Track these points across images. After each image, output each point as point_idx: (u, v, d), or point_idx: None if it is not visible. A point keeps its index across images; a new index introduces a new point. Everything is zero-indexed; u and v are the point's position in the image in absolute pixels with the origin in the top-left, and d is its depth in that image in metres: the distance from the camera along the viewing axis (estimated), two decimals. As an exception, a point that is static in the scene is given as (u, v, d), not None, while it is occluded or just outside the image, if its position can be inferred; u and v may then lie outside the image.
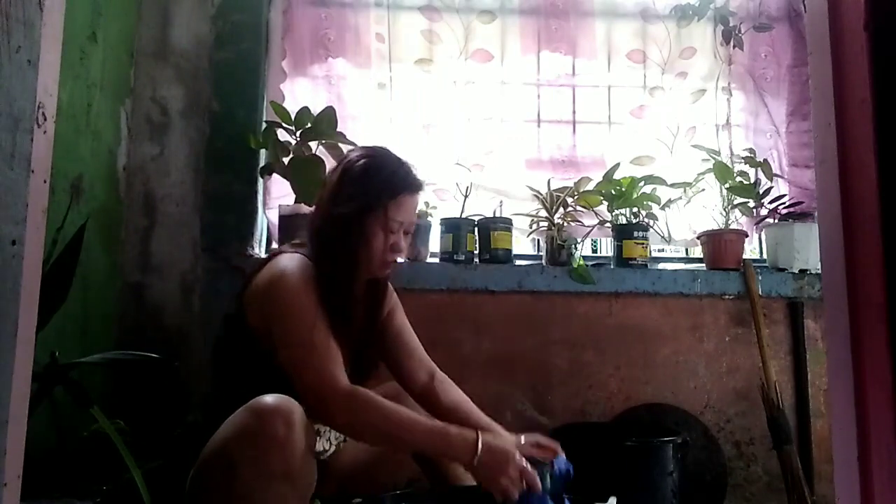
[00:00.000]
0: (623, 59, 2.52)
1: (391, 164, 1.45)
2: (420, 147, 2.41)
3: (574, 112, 2.49)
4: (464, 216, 2.30)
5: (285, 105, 2.19)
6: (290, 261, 1.38)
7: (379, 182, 1.40)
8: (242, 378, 1.37)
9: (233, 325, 1.44)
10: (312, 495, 1.35)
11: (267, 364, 1.33)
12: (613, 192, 2.32)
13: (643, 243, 2.31)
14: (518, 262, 2.36)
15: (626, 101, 2.52)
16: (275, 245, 2.31)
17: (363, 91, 2.42)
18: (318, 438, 1.44)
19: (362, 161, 1.43)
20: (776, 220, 2.39)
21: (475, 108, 2.46)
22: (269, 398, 1.22)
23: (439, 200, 2.40)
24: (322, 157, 2.16)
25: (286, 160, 2.13)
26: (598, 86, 2.52)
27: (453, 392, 1.55)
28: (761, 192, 2.40)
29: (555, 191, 2.32)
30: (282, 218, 2.16)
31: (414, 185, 1.45)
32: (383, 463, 1.60)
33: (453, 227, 2.27)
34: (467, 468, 1.29)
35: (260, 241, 2.33)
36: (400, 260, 1.48)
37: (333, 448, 1.52)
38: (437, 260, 2.28)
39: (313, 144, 2.16)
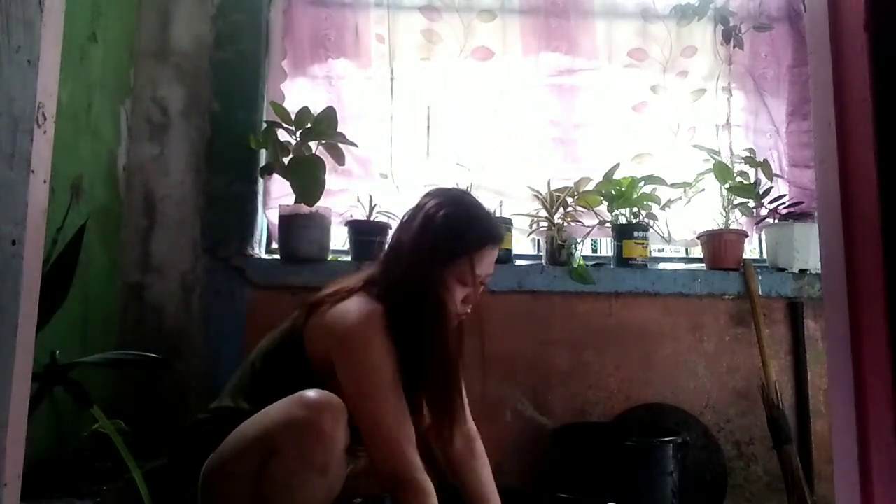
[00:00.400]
0: (624, 58, 2.51)
1: (473, 214, 1.43)
2: (420, 147, 2.41)
3: (575, 111, 2.49)
4: (464, 216, 2.29)
5: (285, 105, 2.19)
6: (367, 314, 1.34)
7: (461, 235, 1.39)
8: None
9: (289, 349, 1.41)
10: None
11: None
12: (613, 192, 2.32)
13: (643, 243, 2.31)
14: (518, 262, 2.36)
15: (628, 100, 2.51)
16: (275, 244, 2.31)
17: (363, 91, 2.42)
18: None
19: (443, 211, 1.40)
20: (776, 220, 2.39)
21: (475, 107, 2.45)
22: (315, 393, 1.24)
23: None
24: (322, 157, 2.16)
25: (286, 160, 2.12)
26: (599, 85, 2.50)
27: (483, 476, 1.54)
28: (761, 192, 2.40)
29: (555, 191, 2.32)
30: (282, 218, 2.17)
31: (497, 237, 1.44)
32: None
33: (453, 227, 2.26)
34: None
35: (260, 241, 2.33)
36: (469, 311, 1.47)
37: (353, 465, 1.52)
38: (437, 260, 2.27)
39: (313, 144, 2.16)
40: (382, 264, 1.47)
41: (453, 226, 1.39)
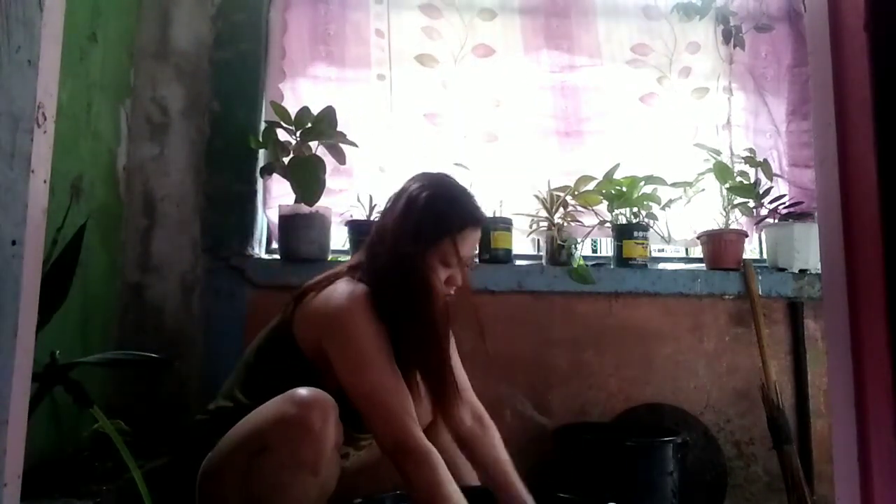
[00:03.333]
0: (627, 53, 2.51)
1: (455, 196, 1.44)
2: (420, 147, 2.41)
3: (577, 109, 2.48)
4: (464, 216, 2.29)
5: (285, 104, 2.19)
6: (352, 294, 1.35)
7: (444, 217, 1.40)
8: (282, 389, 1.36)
9: (280, 341, 1.42)
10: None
11: (312, 381, 1.33)
12: (613, 191, 2.31)
13: (643, 243, 2.30)
14: (518, 262, 2.36)
15: (631, 97, 2.50)
16: (275, 244, 2.31)
17: (363, 90, 2.42)
18: (347, 447, 1.44)
19: (426, 193, 1.41)
20: (776, 220, 2.39)
21: (476, 106, 2.45)
22: (306, 390, 1.24)
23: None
24: (322, 156, 2.16)
25: (286, 160, 2.12)
26: (602, 82, 2.50)
27: (495, 447, 1.55)
28: (761, 192, 2.40)
29: (554, 190, 2.32)
30: (282, 218, 2.17)
31: (479, 219, 1.45)
32: (385, 462, 1.60)
33: (453, 227, 2.26)
34: None
35: (260, 241, 2.33)
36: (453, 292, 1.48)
37: (354, 456, 1.52)
38: (437, 260, 2.27)
39: (313, 144, 2.16)
40: (367, 249, 1.48)
41: (435, 208, 1.40)
